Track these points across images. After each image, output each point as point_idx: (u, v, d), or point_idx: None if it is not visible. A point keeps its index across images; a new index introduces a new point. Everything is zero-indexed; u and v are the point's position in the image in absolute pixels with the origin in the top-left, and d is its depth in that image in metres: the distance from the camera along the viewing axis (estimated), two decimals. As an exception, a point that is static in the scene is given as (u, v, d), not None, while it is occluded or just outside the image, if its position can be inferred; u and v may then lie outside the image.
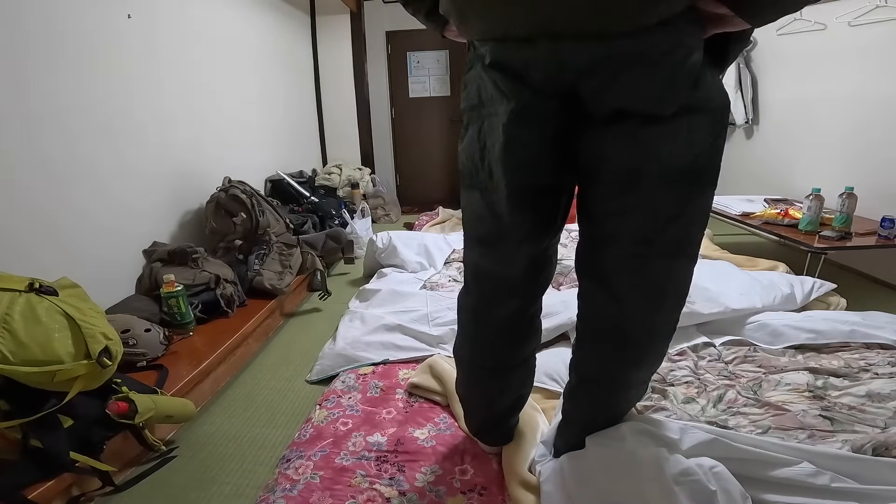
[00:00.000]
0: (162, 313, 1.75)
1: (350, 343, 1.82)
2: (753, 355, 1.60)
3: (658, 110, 0.75)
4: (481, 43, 0.85)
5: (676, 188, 0.80)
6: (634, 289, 0.90)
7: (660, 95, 0.75)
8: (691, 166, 0.79)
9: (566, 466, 1.08)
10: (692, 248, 0.88)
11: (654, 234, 0.84)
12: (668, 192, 0.81)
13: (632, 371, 1.02)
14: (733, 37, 0.80)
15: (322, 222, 3.11)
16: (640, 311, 0.92)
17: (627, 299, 0.91)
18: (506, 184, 0.87)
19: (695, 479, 0.96)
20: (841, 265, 2.69)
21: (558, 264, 2.30)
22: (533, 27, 0.75)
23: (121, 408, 1.19)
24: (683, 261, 0.89)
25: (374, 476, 1.19)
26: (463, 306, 1.12)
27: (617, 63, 0.74)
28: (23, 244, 1.52)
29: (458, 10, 0.82)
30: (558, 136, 0.84)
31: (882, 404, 1.32)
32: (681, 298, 0.94)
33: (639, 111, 0.76)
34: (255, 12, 3.24)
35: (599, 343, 1.00)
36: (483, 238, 0.98)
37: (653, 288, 0.90)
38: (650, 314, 0.93)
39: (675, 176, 0.79)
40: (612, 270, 0.90)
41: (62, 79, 1.67)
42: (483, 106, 0.87)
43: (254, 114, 3.20)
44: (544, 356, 1.63)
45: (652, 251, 0.85)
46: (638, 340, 0.96)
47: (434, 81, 4.82)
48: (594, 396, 1.09)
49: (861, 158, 2.59)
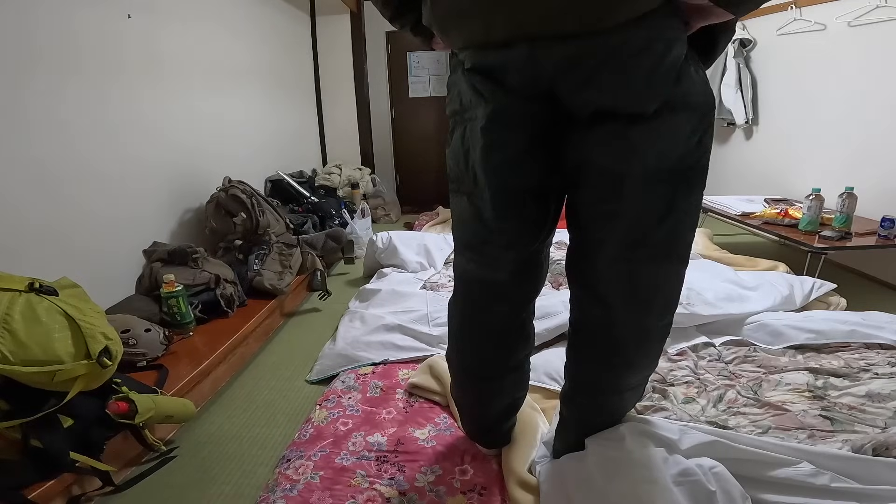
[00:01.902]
0: (162, 313, 1.75)
1: (350, 343, 1.82)
2: (753, 355, 1.60)
3: (639, 108, 0.75)
4: (461, 49, 0.85)
5: (662, 189, 0.80)
6: (624, 293, 0.89)
7: (639, 93, 0.74)
8: (677, 166, 0.79)
9: (565, 467, 1.08)
10: (682, 251, 0.88)
11: (643, 238, 0.83)
12: (654, 194, 0.80)
13: (625, 376, 1.01)
14: (719, 28, 0.79)
15: (322, 222, 3.11)
16: (631, 315, 0.91)
17: (617, 304, 0.90)
18: (488, 186, 0.87)
19: (694, 479, 0.96)
20: (841, 265, 2.69)
21: (557, 265, 2.32)
22: (510, 32, 0.75)
23: (121, 408, 1.19)
24: (674, 263, 0.88)
25: (374, 476, 1.19)
26: (452, 312, 1.12)
27: (591, 62, 0.73)
28: (23, 244, 1.52)
29: (438, 22, 0.84)
30: (539, 139, 0.83)
31: (882, 404, 1.32)
32: (671, 302, 0.93)
33: (619, 111, 0.76)
34: (256, 12, 3.24)
35: (591, 348, 1.00)
36: (470, 243, 0.98)
37: (643, 292, 0.89)
38: (641, 319, 0.92)
39: (662, 176, 0.79)
40: (601, 275, 0.90)
41: (62, 79, 1.67)
42: (465, 110, 0.87)
43: (254, 114, 3.20)
44: (544, 356, 1.63)
45: (641, 254, 0.84)
46: (629, 345, 0.95)
47: (434, 81, 4.82)
48: (589, 400, 1.08)
49: (861, 158, 2.59)
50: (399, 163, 5.07)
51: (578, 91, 0.76)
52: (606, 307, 0.92)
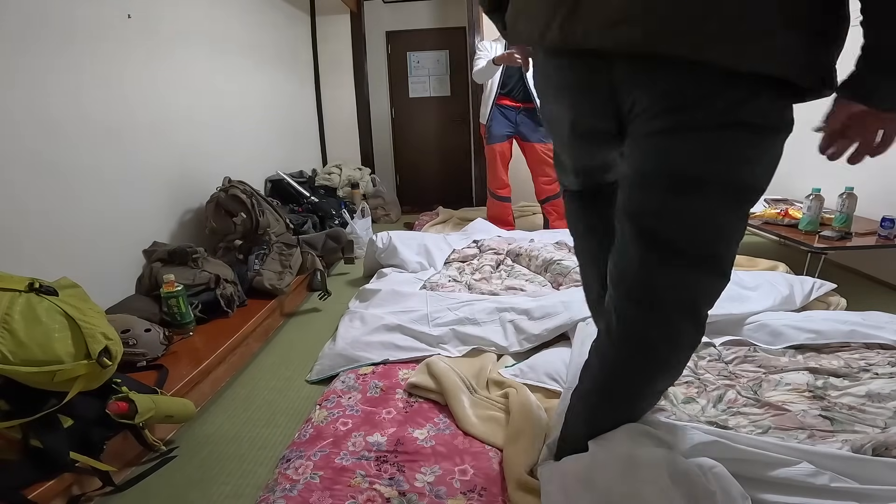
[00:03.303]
0: (162, 313, 1.76)
1: (350, 343, 1.82)
2: (753, 355, 1.60)
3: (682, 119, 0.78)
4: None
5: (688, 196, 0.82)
6: (661, 298, 0.90)
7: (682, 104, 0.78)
8: (701, 175, 0.81)
9: (568, 468, 1.07)
10: (716, 262, 0.88)
11: (680, 243, 0.85)
12: (677, 200, 0.83)
13: (651, 381, 1.02)
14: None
15: (322, 222, 3.11)
16: (665, 322, 0.91)
17: (654, 307, 0.91)
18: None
19: (694, 479, 0.96)
20: (841, 265, 2.69)
21: (558, 265, 2.32)
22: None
23: (121, 408, 1.19)
24: (707, 272, 0.88)
25: (373, 476, 1.19)
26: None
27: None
28: (23, 244, 1.52)
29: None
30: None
31: (882, 404, 1.32)
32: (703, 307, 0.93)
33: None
34: (255, 12, 3.24)
35: (619, 351, 1.00)
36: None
37: (678, 297, 0.90)
38: (675, 326, 0.92)
39: (689, 183, 0.82)
40: (636, 278, 0.90)
41: (62, 79, 1.67)
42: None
43: (254, 113, 3.20)
44: (544, 356, 1.64)
45: (677, 260, 0.86)
46: (660, 350, 0.95)
47: (434, 81, 4.83)
48: (605, 404, 1.08)
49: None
50: (399, 163, 5.07)
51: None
52: (646, 310, 0.95)
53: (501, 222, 3.43)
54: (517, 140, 3.34)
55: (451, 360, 1.66)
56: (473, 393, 1.48)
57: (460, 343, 1.78)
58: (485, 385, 1.54)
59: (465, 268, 2.58)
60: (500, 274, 2.48)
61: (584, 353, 1.49)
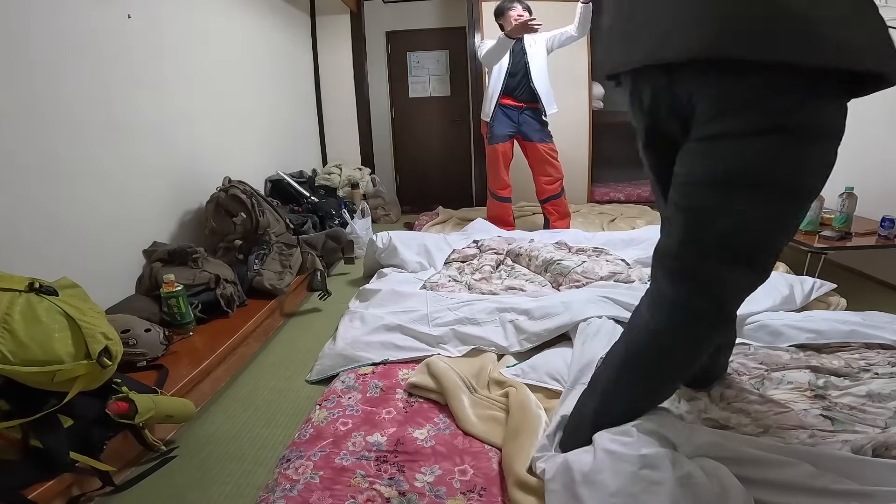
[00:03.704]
0: (162, 313, 1.76)
1: (350, 343, 1.82)
2: (755, 353, 1.60)
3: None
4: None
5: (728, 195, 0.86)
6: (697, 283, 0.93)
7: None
8: (746, 176, 0.84)
9: (573, 464, 1.07)
10: (753, 261, 0.91)
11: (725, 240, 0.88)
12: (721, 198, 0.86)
13: (672, 378, 1.05)
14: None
15: (322, 222, 3.11)
16: (691, 306, 0.95)
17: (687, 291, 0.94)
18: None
19: (698, 480, 0.96)
20: (841, 265, 2.69)
21: (558, 265, 2.32)
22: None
23: (121, 408, 1.19)
24: (742, 269, 0.91)
25: (373, 476, 1.19)
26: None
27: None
28: (23, 244, 1.52)
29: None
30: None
31: (882, 404, 1.32)
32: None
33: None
34: (255, 12, 3.24)
35: (651, 318, 1.03)
36: None
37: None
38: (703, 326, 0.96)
39: (725, 184, 0.85)
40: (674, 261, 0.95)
41: (62, 79, 1.67)
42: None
43: (254, 113, 3.20)
44: (545, 356, 1.63)
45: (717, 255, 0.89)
46: (691, 329, 0.98)
47: (434, 81, 4.83)
48: (623, 399, 1.09)
49: (861, 158, 2.58)
50: (399, 163, 5.07)
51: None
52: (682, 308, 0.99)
53: (502, 223, 3.42)
54: (518, 140, 3.33)
55: (451, 359, 1.66)
56: (473, 392, 1.48)
57: (460, 343, 1.78)
58: (485, 385, 1.54)
59: (465, 268, 2.57)
60: (500, 274, 2.48)
61: (585, 352, 1.51)
